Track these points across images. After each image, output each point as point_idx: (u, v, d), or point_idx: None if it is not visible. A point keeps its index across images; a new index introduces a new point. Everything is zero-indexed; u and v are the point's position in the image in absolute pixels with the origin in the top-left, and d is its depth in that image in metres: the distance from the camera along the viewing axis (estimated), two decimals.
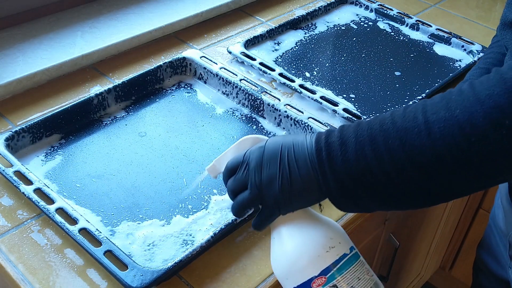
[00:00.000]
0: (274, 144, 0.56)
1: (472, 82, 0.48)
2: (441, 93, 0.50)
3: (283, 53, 1.12)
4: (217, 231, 0.70)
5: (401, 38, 1.20)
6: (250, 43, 1.12)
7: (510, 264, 0.84)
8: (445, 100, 0.48)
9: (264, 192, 0.55)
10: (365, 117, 0.93)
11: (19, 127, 0.83)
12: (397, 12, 1.26)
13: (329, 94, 1.01)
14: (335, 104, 0.96)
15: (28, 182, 0.76)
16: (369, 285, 0.58)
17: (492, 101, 0.45)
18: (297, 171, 0.53)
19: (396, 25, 1.25)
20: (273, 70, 1.03)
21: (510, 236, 0.83)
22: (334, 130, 0.53)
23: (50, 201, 0.73)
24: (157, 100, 0.97)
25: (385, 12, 1.27)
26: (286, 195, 0.54)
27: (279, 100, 0.94)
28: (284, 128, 0.92)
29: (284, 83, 1.00)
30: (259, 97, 0.94)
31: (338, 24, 1.24)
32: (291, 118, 0.90)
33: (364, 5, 1.30)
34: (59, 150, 0.86)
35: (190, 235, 0.74)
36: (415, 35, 1.21)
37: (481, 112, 0.45)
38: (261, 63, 1.04)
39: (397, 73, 1.08)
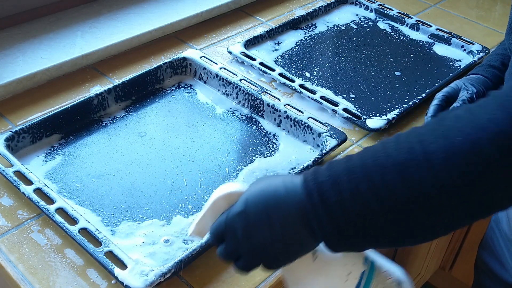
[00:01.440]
0: (255, 204, 0.50)
1: (468, 107, 0.46)
2: (433, 119, 0.48)
3: (283, 53, 1.12)
4: None
5: (401, 38, 1.20)
6: (250, 43, 1.12)
7: None
8: (442, 128, 0.46)
9: (259, 257, 0.52)
10: (365, 117, 0.94)
11: (19, 127, 0.83)
12: (397, 12, 1.26)
13: (329, 94, 1.01)
14: (335, 104, 0.96)
15: (28, 182, 0.76)
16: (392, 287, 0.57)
17: (495, 127, 0.43)
18: (288, 228, 0.49)
19: (396, 25, 1.25)
20: (273, 70, 1.03)
21: None
22: (321, 169, 0.49)
23: (50, 201, 0.73)
24: (157, 100, 0.97)
25: (385, 12, 1.27)
26: (282, 255, 0.51)
27: (279, 100, 0.94)
28: (284, 129, 0.92)
29: (284, 83, 1.00)
30: (259, 97, 0.94)
31: (338, 24, 1.24)
32: (291, 118, 0.90)
33: (364, 5, 1.30)
34: (59, 150, 0.86)
35: None
36: (415, 35, 1.21)
37: (485, 138, 0.43)
38: (261, 63, 1.04)
39: (397, 73, 1.08)
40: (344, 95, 1.01)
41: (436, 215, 0.46)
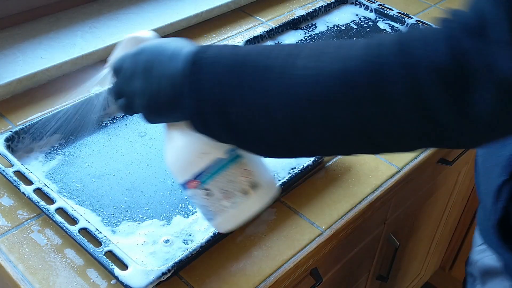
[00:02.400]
0: (147, 55, 0.53)
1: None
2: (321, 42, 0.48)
3: None
4: (217, 231, 0.70)
5: None
6: (250, 43, 1.12)
7: None
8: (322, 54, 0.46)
9: (135, 104, 0.54)
10: None
11: (19, 127, 0.83)
12: (397, 12, 1.26)
13: None
14: None
15: (28, 182, 0.76)
16: (243, 186, 0.58)
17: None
18: (163, 89, 0.51)
19: (396, 25, 1.24)
20: None
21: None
22: (211, 48, 0.50)
23: (50, 201, 0.73)
24: None
25: (385, 12, 1.27)
26: (153, 110, 0.54)
27: None
28: None
29: None
30: None
31: (338, 24, 1.24)
32: None
33: (364, 5, 1.30)
34: (59, 150, 0.86)
35: (190, 235, 0.74)
36: None
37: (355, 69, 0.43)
38: None
39: None
40: None
41: (283, 126, 0.47)
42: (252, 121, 0.48)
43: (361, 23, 1.25)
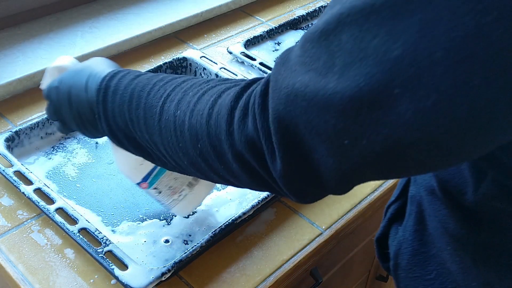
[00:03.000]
0: (65, 86, 0.61)
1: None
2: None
3: None
4: (217, 231, 0.70)
5: None
6: (250, 43, 1.12)
7: None
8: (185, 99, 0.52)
9: (69, 126, 0.64)
10: None
11: (19, 127, 0.83)
12: None
13: None
14: None
15: (28, 182, 0.76)
16: (188, 180, 0.69)
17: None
18: (83, 114, 0.60)
19: None
20: None
21: None
22: (118, 74, 0.57)
23: (50, 201, 0.73)
24: None
25: None
26: (84, 131, 0.63)
27: None
28: None
29: None
30: None
31: None
32: None
33: None
34: (59, 150, 0.86)
35: (190, 235, 0.74)
36: None
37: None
38: (261, 63, 1.04)
39: None
40: None
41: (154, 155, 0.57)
42: (149, 147, 0.56)
43: None
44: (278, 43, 1.15)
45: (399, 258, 0.61)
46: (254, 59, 1.05)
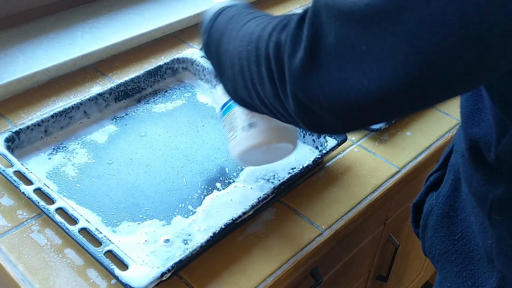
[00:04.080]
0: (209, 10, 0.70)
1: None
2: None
3: None
4: (217, 231, 0.70)
5: None
6: None
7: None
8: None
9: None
10: None
11: (19, 127, 0.83)
12: None
13: None
14: None
15: (28, 182, 0.76)
16: (242, 124, 0.73)
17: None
18: (205, 27, 0.68)
19: None
20: None
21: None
22: (228, 7, 0.66)
23: (50, 201, 0.73)
24: (157, 100, 0.97)
25: None
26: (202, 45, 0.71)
27: None
28: None
29: None
30: None
31: None
32: None
33: None
34: (59, 150, 0.86)
35: (190, 235, 0.74)
36: None
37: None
38: None
39: None
40: None
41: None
42: (224, 58, 0.63)
43: None
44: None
45: (429, 219, 0.67)
46: None
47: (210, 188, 0.81)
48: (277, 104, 0.54)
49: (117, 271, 0.65)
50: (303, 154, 0.88)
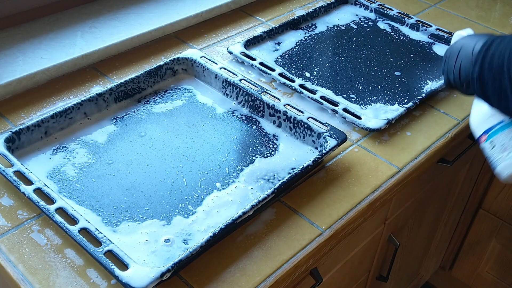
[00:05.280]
0: (457, 46, 0.80)
1: None
2: None
3: (283, 53, 1.12)
4: (217, 231, 0.70)
5: (401, 38, 1.20)
6: (250, 43, 1.12)
7: None
8: None
9: (448, 78, 0.82)
10: (364, 116, 0.94)
11: (19, 127, 0.83)
12: (397, 12, 1.26)
13: (329, 94, 1.01)
14: (335, 104, 0.96)
15: (28, 182, 0.76)
16: None
17: None
18: (462, 65, 0.77)
19: (396, 25, 1.25)
20: (273, 70, 1.03)
21: None
22: (495, 41, 0.73)
23: (50, 201, 0.73)
24: (157, 100, 0.97)
25: (385, 12, 1.27)
26: (454, 78, 0.80)
27: (279, 100, 0.94)
28: (284, 129, 0.92)
29: (284, 83, 1.00)
30: (259, 97, 0.94)
31: (338, 24, 1.24)
32: (291, 118, 0.90)
33: (364, 5, 1.30)
34: (59, 150, 0.86)
35: (190, 235, 0.74)
36: (415, 35, 1.21)
37: None
38: (261, 63, 1.04)
39: (397, 73, 1.08)
40: (344, 95, 1.01)
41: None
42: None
43: (361, 23, 1.25)
44: (278, 43, 1.15)
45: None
46: (254, 59, 1.05)
47: (210, 188, 0.81)
48: None
49: (117, 271, 0.65)
50: (303, 154, 0.88)
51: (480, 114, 0.83)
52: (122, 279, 0.64)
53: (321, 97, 0.97)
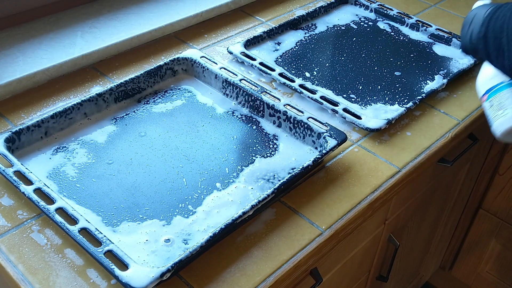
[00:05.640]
0: (472, 13, 0.84)
1: None
2: None
3: (283, 53, 1.12)
4: (217, 231, 0.70)
5: (401, 38, 1.20)
6: (250, 43, 1.12)
7: None
8: None
9: (462, 41, 0.88)
10: (364, 116, 0.94)
11: (19, 127, 0.83)
12: (397, 12, 1.26)
13: (329, 94, 1.01)
14: (335, 104, 0.96)
15: (28, 182, 0.76)
16: None
17: None
18: (473, 28, 0.82)
19: (396, 25, 1.25)
20: (273, 70, 1.03)
21: None
22: (501, 7, 0.78)
23: (50, 201, 0.73)
24: (157, 100, 0.97)
25: (385, 12, 1.27)
26: (467, 46, 0.86)
27: (279, 100, 0.94)
28: (284, 129, 0.92)
29: (284, 83, 1.00)
30: (259, 97, 0.94)
31: (338, 24, 1.24)
32: (291, 118, 0.90)
33: (364, 5, 1.30)
34: (59, 150, 0.86)
35: (190, 235, 0.74)
36: (415, 35, 1.21)
37: None
38: (261, 63, 1.04)
39: (397, 73, 1.08)
40: (344, 95, 1.01)
41: None
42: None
43: (361, 23, 1.25)
44: (278, 43, 1.15)
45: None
46: (254, 59, 1.05)
47: (210, 188, 0.81)
48: None
49: (117, 271, 0.65)
50: (303, 154, 0.88)
51: (485, 75, 0.87)
52: (122, 279, 0.64)
53: (321, 97, 0.97)
